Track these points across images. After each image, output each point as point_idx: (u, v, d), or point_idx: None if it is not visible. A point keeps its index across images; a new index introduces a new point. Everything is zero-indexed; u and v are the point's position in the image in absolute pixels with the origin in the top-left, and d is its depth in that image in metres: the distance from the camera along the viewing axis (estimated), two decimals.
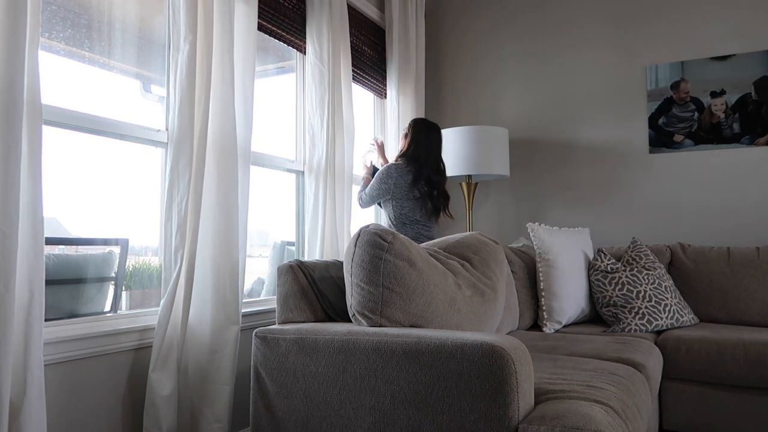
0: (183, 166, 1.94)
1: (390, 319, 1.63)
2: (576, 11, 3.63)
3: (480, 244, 2.02)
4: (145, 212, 2.17)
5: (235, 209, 2.14)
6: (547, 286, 2.76)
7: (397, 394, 1.45)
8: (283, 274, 1.87)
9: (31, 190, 1.50)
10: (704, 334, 2.48)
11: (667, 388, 2.48)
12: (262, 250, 2.93)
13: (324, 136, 2.75)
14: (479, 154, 3.34)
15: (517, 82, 3.79)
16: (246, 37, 2.31)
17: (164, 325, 1.88)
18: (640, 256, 2.89)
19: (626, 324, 2.62)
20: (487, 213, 3.85)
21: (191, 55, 1.97)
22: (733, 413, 2.37)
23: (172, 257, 1.93)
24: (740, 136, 3.22)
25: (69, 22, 1.89)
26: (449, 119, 3.98)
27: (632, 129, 3.46)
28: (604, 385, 1.58)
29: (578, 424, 1.25)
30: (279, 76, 3.03)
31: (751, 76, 3.20)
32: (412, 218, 2.93)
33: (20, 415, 1.44)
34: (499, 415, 1.32)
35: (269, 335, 1.70)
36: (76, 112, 1.83)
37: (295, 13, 2.81)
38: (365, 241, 1.66)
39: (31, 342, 1.47)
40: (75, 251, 2.03)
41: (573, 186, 3.61)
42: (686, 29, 3.35)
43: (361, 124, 3.53)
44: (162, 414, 1.87)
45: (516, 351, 1.36)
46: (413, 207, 2.93)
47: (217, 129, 2.12)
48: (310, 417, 1.59)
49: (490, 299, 1.91)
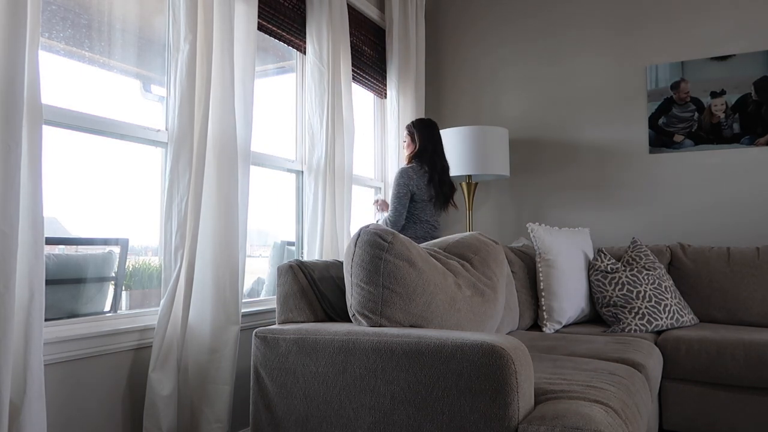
0: (183, 166, 1.94)
1: (390, 319, 1.63)
2: (576, 11, 3.63)
3: (480, 244, 2.02)
4: (145, 212, 2.17)
5: (235, 209, 2.14)
6: (547, 286, 2.76)
7: (397, 394, 1.45)
8: (283, 274, 1.87)
9: (31, 190, 1.49)
10: (704, 334, 2.48)
11: (667, 388, 2.49)
12: (262, 250, 2.93)
13: (323, 135, 2.75)
14: (479, 154, 3.34)
15: (518, 81, 3.79)
16: (246, 37, 2.31)
17: (164, 325, 1.88)
18: (640, 256, 2.89)
19: (626, 324, 2.62)
20: (487, 213, 3.85)
21: (191, 55, 1.97)
22: (733, 413, 2.37)
23: (172, 257, 1.93)
24: (740, 136, 3.22)
25: (69, 22, 1.89)
26: (449, 119, 3.98)
27: (632, 129, 3.46)
28: (604, 385, 1.58)
29: (578, 424, 1.25)
30: (279, 76, 3.03)
31: (751, 76, 3.20)
32: (422, 218, 2.96)
33: (20, 415, 1.44)
34: (499, 415, 1.32)
35: (269, 335, 1.70)
36: (76, 112, 1.83)
37: (295, 13, 2.81)
38: (365, 241, 1.66)
39: (31, 342, 1.47)
40: (75, 251, 2.03)
41: (573, 186, 3.61)
42: (686, 29, 3.35)
43: (362, 125, 3.53)
44: (162, 414, 1.87)
45: (516, 351, 1.36)
46: (424, 207, 2.96)
47: (217, 129, 2.12)
48: (310, 417, 1.59)
49: (490, 299, 1.91)
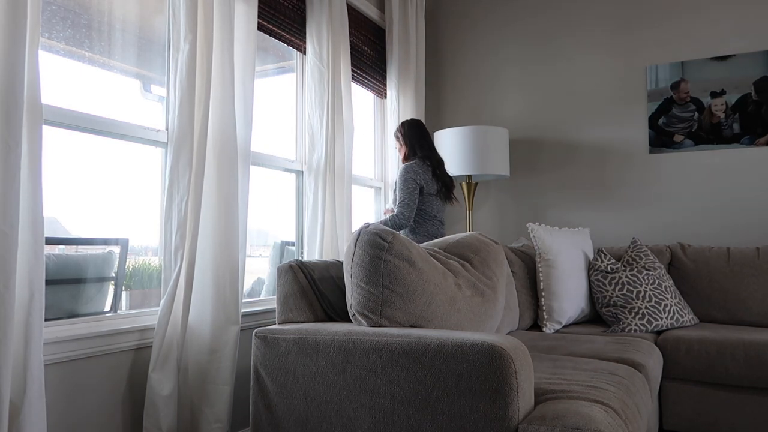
0: (183, 166, 1.94)
1: (390, 319, 1.63)
2: (576, 11, 3.63)
3: (480, 244, 2.02)
4: (145, 212, 2.17)
5: (235, 209, 2.14)
6: (547, 286, 2.76)
7: (397, 394, 1.45)
8: (283, 274, 1.87)
9: (31, 190, 1.49)
10: (704, 334, 2.48)
11: (667, 388, 2.49)
12: (262, 250, 2.93)
13: (323, 135, 2.75)
14: (479, 154, 3.34)
15: (517, 81, 3.79)
16: (246, 37, 2.31)
17: (164, 325, 1.88)
18: (640, 256, 2.89)
19: (626, 324, 2.62)
20: (487, 213, 3.85)
21: (191, 55, 1.97)
22: (733, 413, 2.37)
23: (172, 257, 1.93)
24: (740, 136, 3.22)
25: (69, 22, 1.89)
26: (449, 119, 3.98)
27: (632, 129, 3.46)
28: (604, 385, 1.58)
29: (578, 424, 1.25)
30: (279, 76, 3.03)
31: (751, 76, 3.20)
32: (431, 213, 2.98)
33: (20, 415, 1.44)
34: (499, 415, 1.32)
35: (269, 335, 1.70)
36: (76, 112, 1.83)
37: (295, 12, 2.81)
38: (365, 241, 1.66)
39: (31, 342, 1.47)
40: (75, 251, 2.03)
41: (573, 186, 3.61)
42: (686, 29, 3.35)
43: (362, 125, 3.53)
44: (162, 414, 1.87)
45: (516, 351, 1.36)
46: (431, 202, 2.97)
47: (217, 129, 2.12)
48: (310, 417, 1.59)
49: (490, 299, 1.91)
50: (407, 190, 2.89)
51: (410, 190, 2.89)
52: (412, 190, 2.89)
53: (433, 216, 2.98)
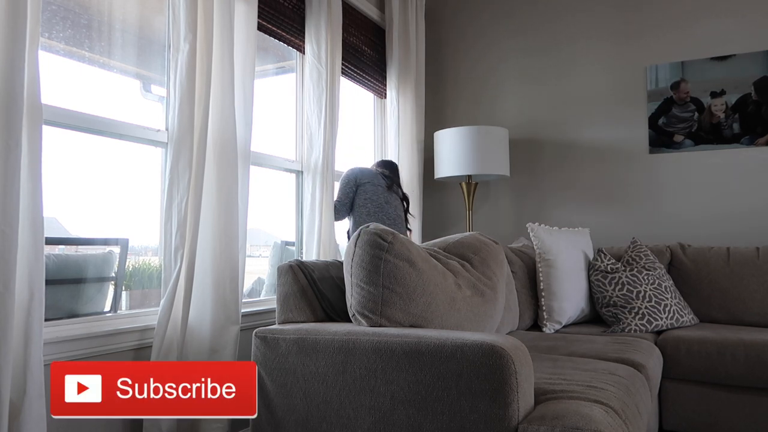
0: (183, 166, 1.94)
1: (390, 319, 1.62)
2: (576, 12, 3.62)
3: (480, 244, 2.02)
4: (145, 212, 2.17)
5: (235, 209, 2.14)
6: (547, 286, 2.76)
7: (397, 394, 1.45)
8: (283, 274, 1.87)
9: (31, 190, 1.49)
10: (704, 334, 2.48)
11: (667, 388, 2.48)
12: (262, 250, 2.93)
13: (321, 136, 2.75)
14: (479, 154, 3.34)
15: (517, 82, 3.79)
16: (246, 37, 2.31)
17: (164, 325, 1.88)
18: (640, 256, 2.89)
19: (626, 324, 2.62)
20: (487, 213, 3.85)
21: (191, 55, 1.96)
22: (733, 413, 2.37)
23: (172, 257, 1.93)
24: (740, 136, 3.22)
25: (69, 22, 1.89)
26: (449, 119, 3.97)
27: (632, 129, 3.46)
28: (604, 385, 1.57)
29: (578, 424, 1.25)
30: (279, 76, 3.03)
31: (751, 76, 3.20)
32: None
33: (20, 415, 1.44)
34: (499, 415, 1.32)
35: (269, 335, 1.70)
36: (76, 112, 1.83)
37: (295, 12, 2.81)
38: (365, 241, 1.66)
39: (31, 342, 1.47)
40: (75, 251, 2.03)
41: (573, 186, 3.61)
42: (686, 29, 3.35)
43: (362, 125, 3.53)
44: None
45: (516, 351, 1.36)
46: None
47: (217, 129, 2.12)
48: (310, 417, 1.59)
49: (490, 299, 1.91)
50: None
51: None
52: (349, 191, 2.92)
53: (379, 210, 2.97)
